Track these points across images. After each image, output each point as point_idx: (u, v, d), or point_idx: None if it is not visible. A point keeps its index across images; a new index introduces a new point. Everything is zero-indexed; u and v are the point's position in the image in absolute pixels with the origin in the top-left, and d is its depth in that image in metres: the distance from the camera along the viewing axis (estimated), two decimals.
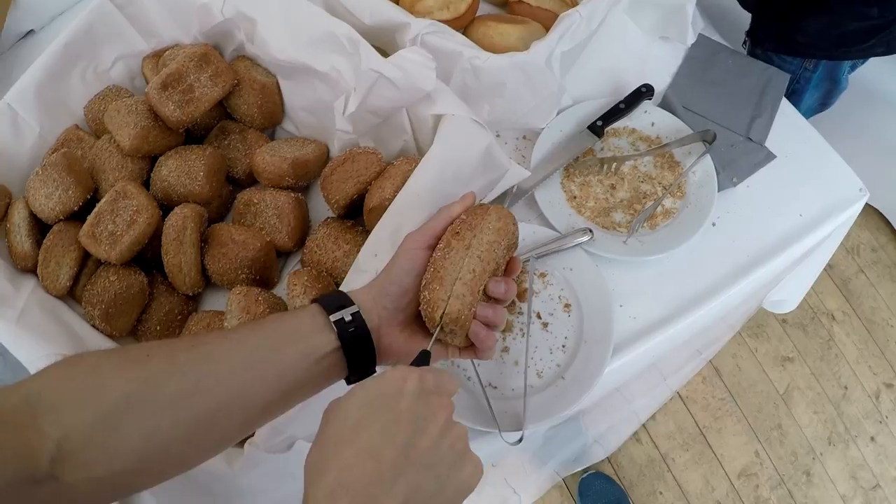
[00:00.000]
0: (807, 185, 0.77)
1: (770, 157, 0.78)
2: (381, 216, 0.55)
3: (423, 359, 0.41)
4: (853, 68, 1.00)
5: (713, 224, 0.73)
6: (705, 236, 0.71)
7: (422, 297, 0.44)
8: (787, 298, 0.93)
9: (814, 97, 1.03)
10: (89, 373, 0.35)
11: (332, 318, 0.40)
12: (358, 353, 0.41)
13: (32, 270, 0.64)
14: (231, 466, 0.51)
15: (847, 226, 0.80)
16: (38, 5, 0.83)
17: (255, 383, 0.38)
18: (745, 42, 0.99)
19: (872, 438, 1.40)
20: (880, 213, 1.61)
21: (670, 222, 0.71)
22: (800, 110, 0.83)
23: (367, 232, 0.58)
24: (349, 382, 0.43)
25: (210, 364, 0.37)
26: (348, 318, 0.40)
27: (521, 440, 0.57)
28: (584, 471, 1.31)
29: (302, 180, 0.66)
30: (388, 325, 0.43)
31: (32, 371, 0.55)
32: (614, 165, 0.74)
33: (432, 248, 0.46)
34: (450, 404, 0.36)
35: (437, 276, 0.43)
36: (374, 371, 0.43)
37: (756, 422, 1.39)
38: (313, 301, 0.43)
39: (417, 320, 0.46)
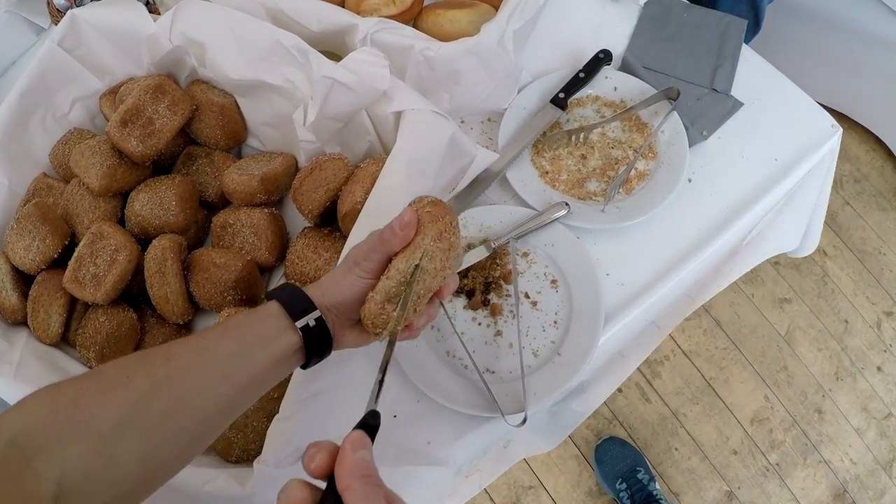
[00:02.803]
0: (778, 128, 0.77)
1: (737, 105, 0.78)
2: (355, 221, 0.56)
3: (373, 418, 0.37)
4: None
5: (689, 180, 0.74)
6: (682, 193, 0.71)
7: (362, 310, 0.45)
8: (805, 244, 0.92)
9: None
10: (74, 406, 0.35)
11: (298, 324, 0.43)
12: (317, 348, 0.44)
13: (23, 322, 0.64)
14: (244, 488, 0.52)
15: (831, 161, 0.80)
16: None
17: (233, 391, 0.40)
18: None
19: (879, 368, 1.41)
20: (858, 144, 1.62)
21: (645, 184, 0.72)
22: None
23: (345, 237, 0.58)
24: (305, 368, 0.46)
25: (189, 379, 0.38)
26: (312, 322, 0.43)
27: (524, 421, 0.58)
28: (598, 438, 1.32)
29: (274, 195, 0.66)
30: (342, 326, 0.46)
31: None
32: (582, 135, 0.74)
33: (377, 276, 0.45)
34: None
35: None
36: (329, 353, 0.46)
37: (761, 367, 1.40)
38: (272, 295, 0.44)
39: None
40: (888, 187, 1.59)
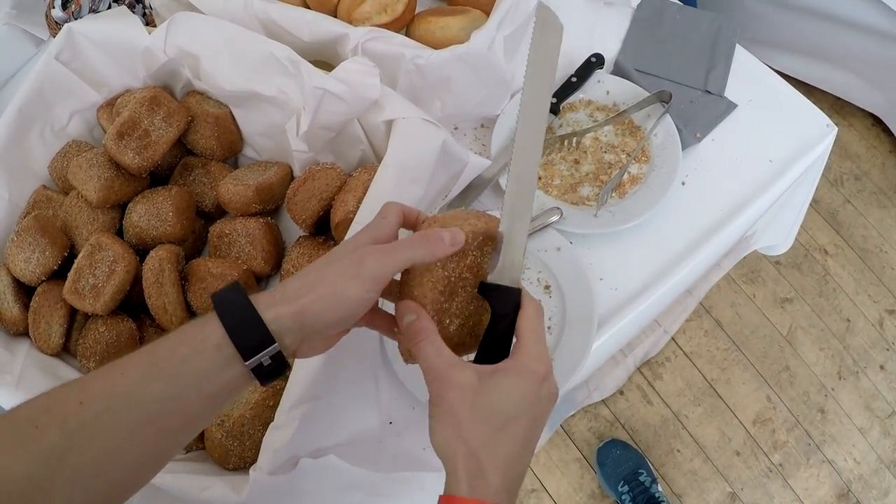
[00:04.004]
0: (772, 129, 0.76)
1: (731, 107, 0.78)
2: (347, 230, 0.56)
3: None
4: None
5: (682, 183, 0.74)
6: (676, 197, 0.71)
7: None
8: (780, 242, 0.93)
9: None
10: None
11: (250, 364, 0.35)
12: (271, 376, 0.37)
13: (24, 333, 0.65)
14: (239, 495, 0.52)
15: (822, 161, 0.80)
16: None
17: (163, 436, 0.35)
18: None
19: (882, 367, 1.41)
20: (858, 141, 1.61)
21: (638, 188, 0.72)
22: None
23: None
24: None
25: (108, 428, 0.33)
26: (268, 361, 0.35)
27: None
28: (600, 440, 1.32)
29: (269, 204, 0.67)
30: (308, 343, 0.38)
31: None
32: (575, 140, 0.74)
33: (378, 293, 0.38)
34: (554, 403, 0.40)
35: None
36: (286, 373, 0.38)
37: (763, 367, 1.40)
38: (214, 303, 0.36)
39: None
40: (889, 184, 1.58)
